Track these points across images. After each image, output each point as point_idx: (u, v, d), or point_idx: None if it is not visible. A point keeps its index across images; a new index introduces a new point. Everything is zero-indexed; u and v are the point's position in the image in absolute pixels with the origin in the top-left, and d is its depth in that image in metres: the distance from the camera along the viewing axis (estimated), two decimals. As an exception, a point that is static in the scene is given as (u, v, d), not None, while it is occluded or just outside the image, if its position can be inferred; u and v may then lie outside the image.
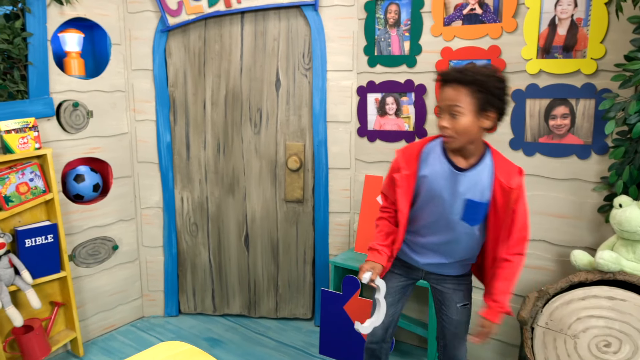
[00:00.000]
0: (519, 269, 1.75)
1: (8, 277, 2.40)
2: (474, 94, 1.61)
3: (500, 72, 1.69)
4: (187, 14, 2.86)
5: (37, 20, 2.51)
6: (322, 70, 2.86)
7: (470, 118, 1.63)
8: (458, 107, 1.62)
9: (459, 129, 1.63)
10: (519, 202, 1.68)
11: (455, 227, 1.76)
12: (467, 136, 1.65)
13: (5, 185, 2.36)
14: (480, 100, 1.61)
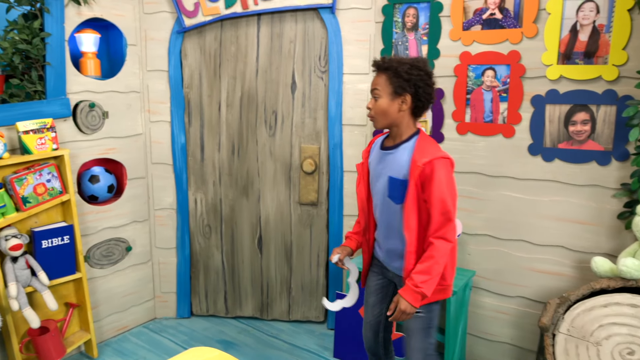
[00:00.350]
0: (441, 253, 1.74)
1: (25, 278, 2.39)
2: (390, 79, 1.81)
3: (420, 62, 1.83)
4: (204, 15, 2.85)
5: (55, 20, 2.50)
6: (338, 73, 2.85)
7: (387, 100, 1.83)
8: (377, 90, 1.85)
9: (377, 110, 1.85)
10: (432, 183, 1.74)
11: (388, 206, 1.89)
12: (387, 117, 1.85)
13: (23, 186, 2.35)
14: (394, 84, 1.80)
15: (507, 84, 2.47)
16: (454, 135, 2.64)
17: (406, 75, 1.80)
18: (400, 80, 1.80)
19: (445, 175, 1.75)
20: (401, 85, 1.80)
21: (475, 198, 2.63)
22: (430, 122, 2.71)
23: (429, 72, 1.84)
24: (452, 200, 1.76)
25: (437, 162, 1.75)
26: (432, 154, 1.77)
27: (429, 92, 1.84)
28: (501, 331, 2.65)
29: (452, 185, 1.79)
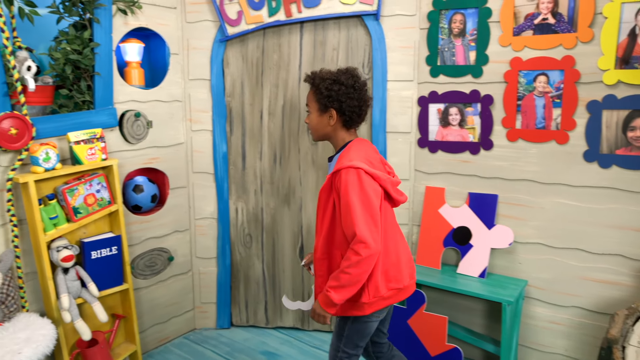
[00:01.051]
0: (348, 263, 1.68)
1: (75, 289, 2.37)
2: (315, 95, 1.89)
3: (343, 76, 1.87)
4: (247, 24, 2.84)
5: (104, 31, 2.49)
6: (382, 80, 2.82)
7: (316, 115, 1.91)
8: (307, 107, 1.96)
9: (310, 125, 1.95)
10: (340, 193, 1.73)
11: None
12: (318, 131, 1.94)
13: (74, 197, 2.33)
14: (319, 101, 1.87)
15: (560, 89, 2.43)
16: (503, 142, 2.60)
17: (326, 92, 1.84)
18: (322, 97, 1.86)
19: (352, 185, 1.70)
20: (323, 101, 1.86)
21: (526, 206, 2.58)
22: (478, 129, 2.67)
23: (352, 86, 1.85)
24: (360, 209, 1.67)
25: (344, 172, 1.72)
26: (342, 164, 1.75)
27: (354, 105, 1.85)
28: (555, 342, 2.59)
29: (360, 193, 1.69)
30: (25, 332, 2.04)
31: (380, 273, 1.80)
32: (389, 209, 1.90)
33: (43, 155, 2.21)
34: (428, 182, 2.86)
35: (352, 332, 1.89)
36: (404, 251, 1.94)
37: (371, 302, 1.80)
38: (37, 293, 2.37)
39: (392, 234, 1.88)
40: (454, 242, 2.75)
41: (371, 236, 1.66)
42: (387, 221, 1.86)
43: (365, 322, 1.87)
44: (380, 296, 1.81)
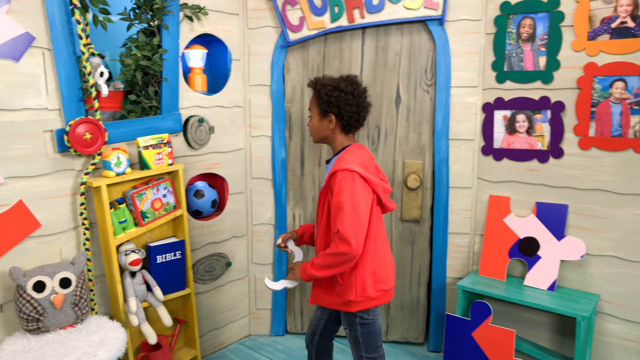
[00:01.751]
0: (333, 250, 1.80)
1: (142, 293, 2.39)
2: (317, 100, 1.97)
3: (343, 83, 1.94)
4: (309, 30, 2.83)
5: (171, 37, 2.52)
6: (446, 86, 2.77)
7: (317, 120, 2.01)
8: (310, 110, 2.04)
9: (312, 128, 2.04)
10: (334, 193, 1.84)
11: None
12: (318, 134, 2.03)
13: (142, 201, 2.35)
14: (321, 106, 1.95)
15: (639, 95, 2.32)
16: (575, 150, 2.51)
17: (326, 97, 1.92)
18: (322, 102, 1.94)
19: (346, 186, 1.80)
20: (323, 106, 1.94)
21: (599, 217, 2.48)
22: (548, 137, 2.58)
23: (351, 92, 1.93)
24: (350, 210, 1.78)
25: (340, 174, 1.83)
26: (339, 166, 1.85)
27: (352, 111, 1.93)
28: (630, 360, 2.47)
29: (352, 195, 1.80)
30: (98, 334, 2.06)
31: (368, 274, 1.92)
32: (380, 214, 2.00)
33: (115, 159, 2.24)
34: (492, 191, 2.78)
35: (365, 337, 2.01)
36: (389, 255, 2.06)
37: (358, 300, 1.92)
38: (105, 296, 2.40)
39: (381, 238, 1.99)
40: (521, 253, 2.67)
41: (354, 238, 1.76)
42: (377, 225, 1.96)
43: (371, 323, 1.99)
44: (368, 296, 1.93)
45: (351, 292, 1.91)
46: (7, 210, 2.02)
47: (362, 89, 1.98)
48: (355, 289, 1.91)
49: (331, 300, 1.99)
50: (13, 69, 1.98)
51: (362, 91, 1.99)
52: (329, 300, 2.00)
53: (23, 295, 1.98)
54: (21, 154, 2.04)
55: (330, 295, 1.99)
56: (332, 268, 1.84)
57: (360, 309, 1.95)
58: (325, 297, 2.01)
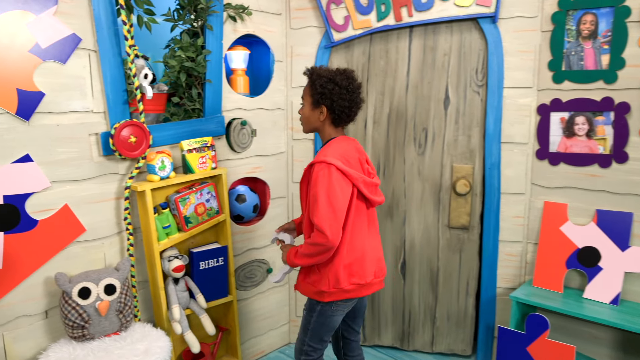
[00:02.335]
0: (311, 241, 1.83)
1: (185, 300, 2.33)
2: (310, 90, 1.96)
3: (339, 76, 1.92)
4: (354, 29, 2.74)
5: (215, 38, 2.46)
6: (498, 87, 2.63)
7: (308, 109, 2.00)
8: (302, 99, 2.03)
9: (302, 117, 2.05)
10: (310, 184, 1.87)
11: None
12: (309, 124, 2.03)
13: (186, 206, 2.29)
14: (314, 96, 1.94)
15: None
16: None
17: (320, 89, 1.91)
18: (316, 93, 1.93)
19: (322, 179, 1.81)
20: (317, 97, 1.93)
21: (667, 226, 2.31)
22: (610, 140, 2.43)
23: (346, 87, 1.91)
24: (325, 202, 1.79)
25: (317, 166, 1.84)
26: (317, 157, 1.87)
27: (344, 106, 1.93)
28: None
29: (328, 188, 1.80)
30: (143, 343, 2.01)
31: (343, 267, 1.91)
32: (362, 207, 1.98)
33: (159, 163, 2.18)
34: (547, 197, 2.63)
35: (317, 325, 2.02)
36: (372, 249, 2.02)
37: (331, 292, 1.93)
38: (147, 302, 2.35)
39: (359, 232, 1.97)
40: (579, 263, 2.51)
41: (329, 229, 1.78)
42: (357, 219, 1.95)
43: (330, 316, 1.99)
44: (341, 288, 1.93)
45: (325, 282, 1.93)
46: (53, 214, 1.99)
47: (357, 84, 1.98)
48: (329, 280, 1.92)
49: (307, 289, 2.01)
50: (60, 71, 1.94)
51: (357, 87, 1.98)
52: (305, 288, 2.03)
53: (69, 301, 1.94)
54: (67, 158, 2.00)
55: (307, 283, 2.01)
56: (310, 257, 1.87)
57: (332, 300, 1.96)
58: (303, 284, 2.04)
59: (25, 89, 1.85)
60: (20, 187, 1.89)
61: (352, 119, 2.02)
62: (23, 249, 1.92)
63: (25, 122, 1.87)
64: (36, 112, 1.90)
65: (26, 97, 1.86)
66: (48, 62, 1.91)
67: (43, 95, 1.90)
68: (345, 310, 2.03)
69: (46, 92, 1.91)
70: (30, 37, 1.85)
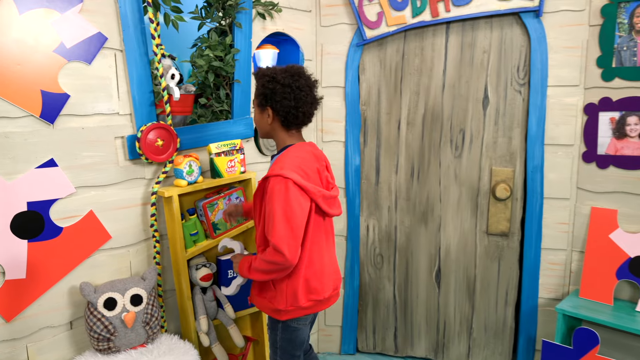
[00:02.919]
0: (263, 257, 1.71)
1: (213, 310, 2.23)
2: (255, 91, 1.81)
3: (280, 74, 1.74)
4: (388, 26, 2.61)
5: (244, 36, 2.36)
6: (541, 86, 2.48)
7: (257, 112, 1.84)
8: (252, 102, 1.89)
9: (255, 120, 1.88)
10: (266, 198, 1.71)
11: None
12: (261, 128, 1.85)
13: (214, 212, 2.20)
14: (258, 97, 1.80)
15: None
16: (700, 157, 2.17)
17: (261, 89, 1.77)
18: (258, 94, 1.79)
19: (277, 194, 1.66)
20: (259, 98, 1.79)
21: None
22: (666, 142, 2.26)
23: (289, 85, 1.74)
24: (281, 219, 1.65)
25: (273, 180, 1.69)
26: (272, 170, 1.71)
27: (289, 106, 1.75)
28: None
29: (284, 204, 1.66)
30: (170, 356, 1.91)
31: (302, 284, 1.79)
32: (319, 221, 1.84)
33: (186, 167, 2.09)
34: (595, 203, 2.47)
35: (284, 343, 1.89)
36: (329, 263, 1.92)
37: (288, 310, 1.81)
38: (173, 312, 2.26)
39: (318, 246, 1.84)
40: (631, 274, 2.35)
41: (287, 248, 1.65)
42: (315, 233, 1.82)
43: (294, 331, 1.87)
44: (299, 306, 1.81)
45: (282, 300, 1.80)
46: (78, 221, 1.91)
47: (303, 81, 1.77)
48: (286, 297, 1.80)
49: (263, 304, 1.88)
50: (85, 72, 1.86)
51: (304, 84, 1.77)
52: (261, 304, 1.89)
53: (94, 312, 1.86)
54: (92, 162, 1.92)
55: (262, 298, 1.87)
56: (266, 274, 1.74)
57: (289, 318, 1.84)
58: (259, 299, 1.89)
59: (50, 91, 1.77)
60: (45, 193, 1.81)
61: (304, 121, 1.83)
62: (47, 258, 1.84)
63: (49, 125, 1.79)
64: (61, 114, 1.82)
65: (51, 99, 1.77)
66: (73, 62, 1.82)
67: (68, 97, 1.82)
68: (308, 321, 1.93)
69: (71, 94, 1.83)
70: (55, 36, 1.77)
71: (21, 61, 1.70)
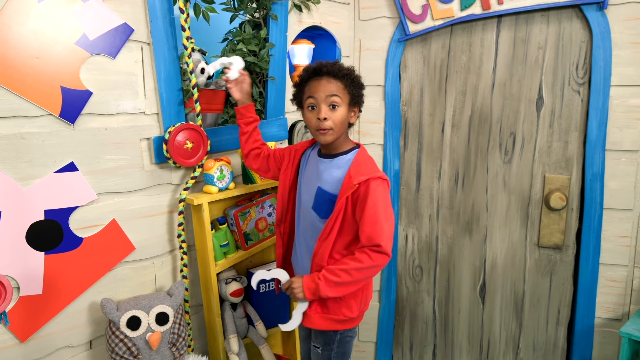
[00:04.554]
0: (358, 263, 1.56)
1: (243, 328, 2.05)
2: (347, 88, 1.66)
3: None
4: (433, 20, 2.40)
5: (279, 29, 2.17)
6: (603, 86, 2.25)
7: (345, 110, 1.66)
8: (337, 98, 1.63)
9: (337, 121, 1.64)
10: (366, 203, 1.57)
11: (310, 219, 1.72)
12: (342, 129, 1.68)
13: (246, 221, 2.01)
14: (352, 94, 1.67)
15: None
16: None
17: (359, 87, 1.70)
18: (359, 91, 1.70)
19: (381, 196, 1.59)
20: (358, 95, 1.70)
21: None
22: None
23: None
24: (386, 222, 1.58)
25: (374, 182, 1.59)
26: (369, 172, 1.61)
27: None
28: None
29: (387, 207, 1.61)
30: (199, 382, 1.73)
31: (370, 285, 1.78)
32: None
33: (217, 172, 1.90)
34: (662, 215, 2.24)
35: (339, 357, 1.77)
36: None
37: (355, 317, 1.73)
38: (200, 329, 2.09)
39: None
40: None
41: (390, 249, 1.59)
42: None
43: (348, 341, 1.78)
44: (362, 311, 1.76)
45: (355, 307, 1.71)
46: (99, 231, 1.73)
47: None
48: (360, 302, 1.72)
49: (325, 320, 1.69)
50: (109, 67, 1.68)
51: None
52: (321, 323, 1.69)
53: (116, 332, 1.68)
54: (115, 166, 1.74)
55: (327, 314, 1.69)
56: (358, 284, 1.62)
57: (354, 326, 1.76)
58: (321, 316, 1.69)
59: (71, 87, 1.60)
60: (64, 200, 1.63)
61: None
62: (66, 271, 1.67)
63: (70, 125, 1.62)
64: (82, 113, 1.64)
65: (71, 96, 1.60)
66: (96, 55, 1.65)
67: (90, 94, 1.64)
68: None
69: (93, 91, 1.65)
70: (77, 26, 1.59)
71: (39, 54, 1.52)
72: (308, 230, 1.75)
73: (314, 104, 1.64)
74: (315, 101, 1.64)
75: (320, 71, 1.65)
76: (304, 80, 1.69)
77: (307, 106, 1.67)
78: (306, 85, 1.68)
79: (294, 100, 1.77)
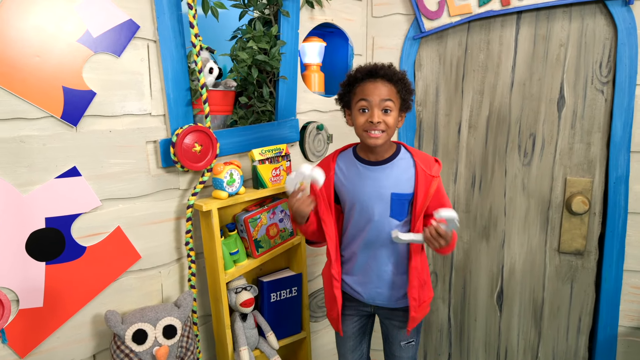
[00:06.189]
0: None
1: (253, 340, 1.96)
2: (399, 92, 1.63)
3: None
4: (450, 16, 2.30)
5: (291, 27, 2.07)
6: (629, 85, 2.15)
7: (396, 115, 1.64)
8: (391, 102, 1.61)
9: (390, 124, 1.62)
10: (439, 189, 1.68)
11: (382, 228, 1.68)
12: (392, 134, 1.66)
13: (256, 228, 1.91)
14: (403, 99, 1.65)
15: None
16: None
17: (412, 92, 1.68)
18: (409, 96, 1.66)
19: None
20: (408, 100, 1.67)
21: None
22: None
23: None
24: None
25: (439, 168, 1.70)
26: (432, 160, 1.70)
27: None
28: None
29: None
30: (209, 400, 1.64)
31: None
32: None
33: (227, 177, 1.81)
34: (690, 220, 2.14)
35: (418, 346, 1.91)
36: None
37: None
38: (209, 340, 1.99)
39: None
40: None
41: None
42: None
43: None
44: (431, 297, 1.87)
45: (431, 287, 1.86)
46: (103, 239, 1.64)
47: None
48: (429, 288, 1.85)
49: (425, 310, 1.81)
50: (113, 66, 1.59)
51: None
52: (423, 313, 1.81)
53: (121, 347, 1.59)
54: (120, 171, 1.65)
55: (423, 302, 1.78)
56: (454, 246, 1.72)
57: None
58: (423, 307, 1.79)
59: (73, 87, 1.50)
60: (66, 207, 1.54)
61: None
62: (68, 282, 1.58)
63: (72, 127, 1.52)
64: (85, 115, 1.54)
65: (74, 96, 1.50)
66: (100, 54, 1.55)
67: (94, 94, 1.55)
68: None
69: (97, 91, 1.56)
70: (80, 23, 1.50)
71: (40, 52, 1.43)
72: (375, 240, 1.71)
73: (367, 106, 1.60)
74: (368, 104, 1.60)
75: (377, 74, 1.61)
76: (357, 81, 1.64)
77: (359, 108, 1.62)
78: (357, 87, 1.64)
79: (341, 101, 1.72)
